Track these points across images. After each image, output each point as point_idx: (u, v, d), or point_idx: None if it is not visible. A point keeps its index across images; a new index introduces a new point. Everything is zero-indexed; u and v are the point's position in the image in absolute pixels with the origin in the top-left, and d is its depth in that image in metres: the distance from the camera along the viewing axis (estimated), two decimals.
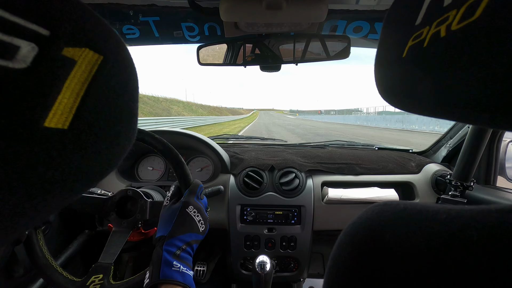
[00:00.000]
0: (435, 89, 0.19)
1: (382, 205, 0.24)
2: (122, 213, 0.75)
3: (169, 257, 0.53)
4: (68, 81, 0.17)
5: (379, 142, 10.41)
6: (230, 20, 0.78)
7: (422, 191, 1.10)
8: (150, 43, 1.00)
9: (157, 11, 0.83)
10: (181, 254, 0.55)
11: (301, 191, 1.06)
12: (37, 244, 0.67)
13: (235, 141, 1.56)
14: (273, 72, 1.00)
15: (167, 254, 0.53)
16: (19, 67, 0.15)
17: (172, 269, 0.51)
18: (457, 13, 0.17)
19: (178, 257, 0.54)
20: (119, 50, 0.20)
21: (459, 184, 0.94)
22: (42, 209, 0.17)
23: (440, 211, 0.21)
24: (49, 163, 0.16)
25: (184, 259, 0.55)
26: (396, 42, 0.23)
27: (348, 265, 0.23)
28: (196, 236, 0.59)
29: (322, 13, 0.73)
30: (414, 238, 0.20)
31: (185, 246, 0.56)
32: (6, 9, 0.15)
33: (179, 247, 0.55)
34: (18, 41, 0.15)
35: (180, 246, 0.55)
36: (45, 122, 0.16)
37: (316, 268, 1.37)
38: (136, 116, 0.23)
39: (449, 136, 1.22)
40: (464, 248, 0.18)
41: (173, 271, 0.51)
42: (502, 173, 1.04)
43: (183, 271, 0.52)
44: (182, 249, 0.55)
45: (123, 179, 1.09)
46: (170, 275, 0.51)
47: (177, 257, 0.54)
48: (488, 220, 0.18)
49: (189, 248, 0.56)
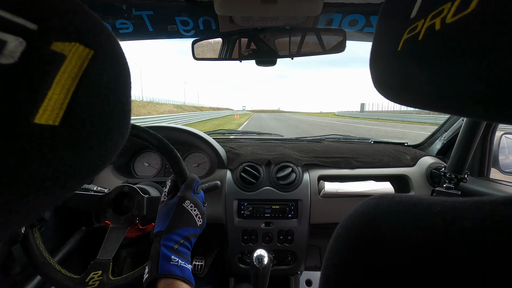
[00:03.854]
0: (430, 82, 0.19)
1: (378, 198, 0.24)
2: (119, 209, 0.75)
3: (167, 251, 0.53)
4: (58, 77, 0.16)
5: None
6: (225, 14, 0.77)
7: (417, 184, 1.12)
8: (144, 38, 0.99)
9: (151, 5, 0.82)
10: (179, 249, 0.55)
11: (298, 185, 1.07)
12: (34, 243, 0.67)
13: (231, 136, 1.56)
14: (269, 66, 1.00)
15: (165, 249, 0.53)
16: (7, 62, 0.15)
17: (171, 263, 0.52)
18: (451, 6, 0.17)
19: (176, 251, 0.55)
20: (110, 45, 0.20)
21: (454, 176, 0.95)
22: (35, 206, 0.17)
23: (434, 203, 0.21)
24: (41, 160, 0.16)
25: (182, 253, 0.55)
26: (391, 35, 0.23)
27: (345, 258, 0.23)
28: (194, 230, 0.59)
29: (317, 7, 0.72)
30: (410, 230, 0.20)
31: (183, 241, 0.56)
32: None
33: (177, 242, 0.55)
34: (5, 35, 0.15)
35: (178, 240, 0.56)
36: (35, 119, 0.16)
37: (313, 261, 1.39)
38: (129, 111, 0.23)
39: (443, 129, 1.23)
40: (458, 239, 0.18)
41: (172, 265, 0.52)
42: (496, 165, 1.05)
43: (181, 265, 0.53)
44: (180, 243, 0.56)
45: (119, 175, 1.09)
46: (169, 270, 0.51)
47: (175, 251, 0.54)
48: (482, 211, 0.18)
49: (187, 242, 0.57)
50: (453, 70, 0.17)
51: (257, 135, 1.60)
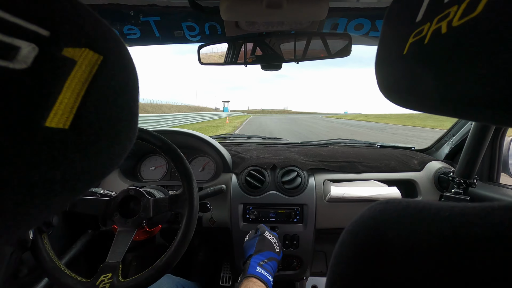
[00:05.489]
0: (437, 86, 0.19)
1: (385, 203, 0.24)
2: (125, 212, 0.76)
3: (254, 264, 0.71)
4: (69, 81, 0.17)
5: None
6: (230, 19, 0.77)
7: (424, 189, 1.10)
8: (151, 43, 1.00)
9: (157, 11, 0.83)
10: (264, 265, 0.72)
11: (303, 189, 1.06)
12: (43, 249, 0.68)
13: (236, 140, 1.56)
14: (274, 70, 1.00)
15: (253, 263, 0.72)
16: (20, 67, 0.15)
17: (256, 270, 0.69)
18: (458, 9, 0.17)
19: (262, 266, 0.71)
20: (119, 50, 0.21)
21: (462, 181, 0.94)
22: (44, 208, 0.18)
23: (443, 208, 0.20)
24: (51, 162, 0.16)
25: (266, 268, 0.71)
26: (397, 39, 0.23)
27: (351, 264, 0.23)
28: (274, 254, 0.77)
29: (323, 11, 0.72)
30: (417, 236, 0.20)
31: (267, 261, 0.74)
32: (6, 10, 0.15)
33: (262, 260, 0.73)
34: (19, 41, 0.15)
35: (262, 259, 0.74)
36: (46, 122, 0.16)
37: (319, 266, 1.37)
38: (137, 115, 0.23)
39: (451, 133, 1.21)
40: (467, 245, 0.18)
41: (256, 272, 0.69)
42: (505, 170, 1.03)
43: (263, 273, 0.69)
44: (264, 261, 0.73)
45: (126, 179, 1.10)
46: (253, 273, 0.68)
47: (260, 266, 0.71)
48: (491, 217, 0.18)
49: (270, 262, 0.74)
50: (460, 73, 0.17)
51: (262, 139, 1.60)
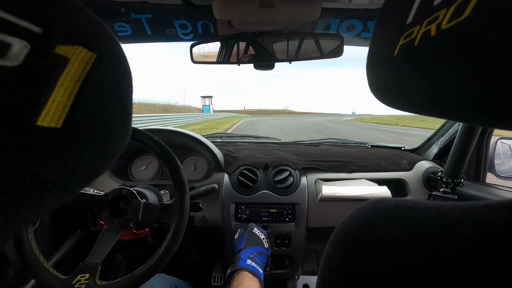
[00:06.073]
0: (426, 88, 0.19)
1: (375, 202, 0.24)
2: (114, 212, 0.75)
3: (244, 257, 0.73)
4: (61, 80, 0.16)
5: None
6: (223, 17, 0.77)
7: (414, 188, 1.12)
8: (142, 41, 0.99)
9: (149, 8, 0.82)
10: (254, 258, 0.74)
11: (295, 189, 1.07)
12: (26, 238, 0.65)
13: (229, 140, 1.56)
14: (267, 70, 1.00)
15: (243, 256, 0.73)
16: (11, 65, 0.15)
17: (246, 263, 0.70)
18: (446, 12, 0.17)
19: (251, 259, 0.73)
20: (112, 48, 0.20)
21: (450, 180, 0.96)
22: (36, 208, 0.17)
23: (431, 207, 0.21)
24: (42, 162, 0.16)
25: (256, 261, 0.73)
26: (388, 40, 0.23)
27: (341, 262, 0.23)
28: (263, 249, 0.79)
29: (315, 12, 0.73)
30: (406, 234, 0.20)
31: (256, 254, 0.75)
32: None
33: (252, 253, 0.75)
34: (10, 38, 0.15)
35: (252, 253, 0.75)
36: (38, 121, 0.16)
37: (310, 265, 1.38)
38: (131, 115, 0.23)
39: (440, 134, 1.24)
40: (455, 243, 0.18)
41: (247, 264, 0.70)
42: (491, 169, 1.06)
43: (253, 266, 0.70)
44: (254, 255, 0.75)
45: (116, 178, 1.08)
46: (244, 266, 0.70)
47: (250, 259, 0.73)
48: (478, 215, 0.18)
49: (260, 256, 0.76)
50: (448, 75, 0.17)
51: (254, 139, 1.60)
